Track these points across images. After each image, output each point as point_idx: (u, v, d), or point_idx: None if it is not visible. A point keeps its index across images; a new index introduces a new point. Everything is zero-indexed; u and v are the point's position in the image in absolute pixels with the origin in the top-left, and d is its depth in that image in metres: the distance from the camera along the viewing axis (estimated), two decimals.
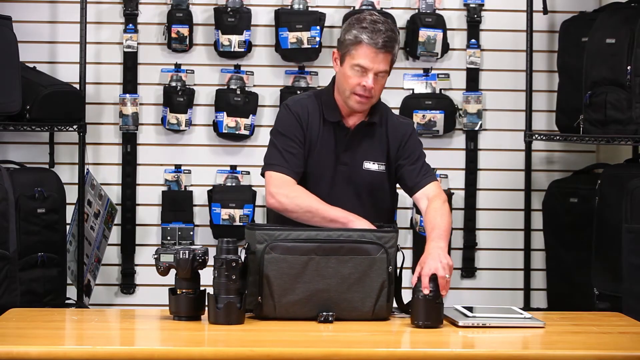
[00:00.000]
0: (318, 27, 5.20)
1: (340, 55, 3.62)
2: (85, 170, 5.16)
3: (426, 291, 3.18)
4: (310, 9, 5.29)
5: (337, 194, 3.62)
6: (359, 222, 3.45)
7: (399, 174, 3.70)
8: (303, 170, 3.63)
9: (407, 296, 3.31)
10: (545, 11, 5.19)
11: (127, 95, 5.30)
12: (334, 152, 3.64)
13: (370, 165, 3.67)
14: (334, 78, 3.70)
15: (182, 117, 5.26)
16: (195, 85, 5.32)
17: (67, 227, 5.01)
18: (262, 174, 3.66)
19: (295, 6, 5.27)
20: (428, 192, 3.64)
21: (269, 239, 3.26)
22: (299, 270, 3.24)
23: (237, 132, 5.26)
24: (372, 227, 3.42)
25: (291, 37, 5.20)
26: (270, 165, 3.62)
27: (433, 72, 5.37)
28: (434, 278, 3.19)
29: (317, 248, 3.26)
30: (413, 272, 5.18)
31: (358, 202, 3.63)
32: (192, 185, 5.34)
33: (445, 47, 5.34)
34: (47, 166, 5.18)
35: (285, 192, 3.57)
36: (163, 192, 5.32)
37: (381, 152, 3.68)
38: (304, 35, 5.20)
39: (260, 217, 5.26)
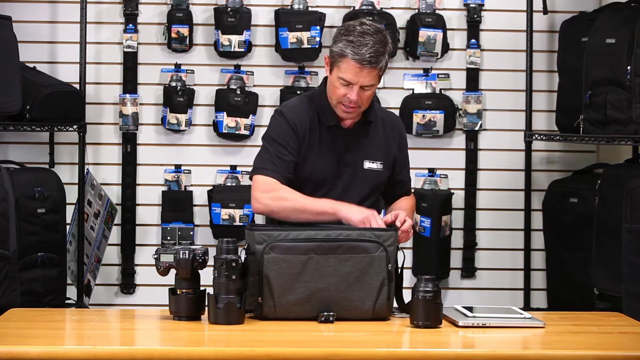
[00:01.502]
0: (318, 27, 5.20)
1: (330, 63, 3.59)
2: (85, 170, 5.16)
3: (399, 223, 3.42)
4: (310, 9, 5.28)
5: (339, 197, 3.61)
6: (347, 209, 3.45)
7: (392, 182, 3.75)
8: (292, 177, 3.60)
9: (407, 296, 3.31)
10: (545, 11, 5.19)
11: (127, 95, 5.30)
12: (335, 154, 3.63)
13: (371, 165, 3.67)
14: (325, 79, 3.68)
15: (182, 117, 5.26)
16: (195, 85, 5.32)
17: (67, 227, 5.01)
18: (250, 177, 3.64)
19: (295, 6, 5.27)
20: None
21: (268, 239, 3.26)
22: (298, 269, 3.24)
23: (237, 132, 5.26)
24: (364, 210, 3.45)
25: (291, 37, 5.20)
26: (258, 169, 3.60)
27: (433, 72, 5.37)
28: (432, 279, 3.19)
29: (317, 247, 3.26)
30: (413, 274, 5.24)
31: (359, 204, 3.62)
32: (192, 185, 5.34)
33: (445, 47, 5.34)
34: (47, 166, 5.18)
35: (270, 195, 3.54)
36: (163, 192, 5.32)
37: (380, 151, 3.69)
38: (304, 35, 5.20)
39: (260, 218, 5.25)
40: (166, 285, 3.38)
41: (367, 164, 3.67)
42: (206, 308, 3.26)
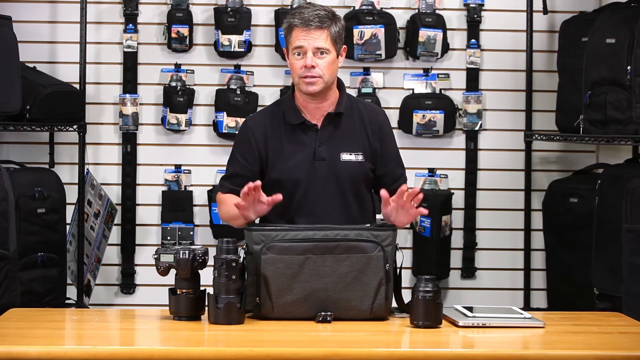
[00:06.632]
0: None
1: (286, 49, 3.69)
2: (85, 170, 5.16)
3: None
4: None
5: (318, 193, 3.62)
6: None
7: (378, 175, 3.69)
8: (244, 182, 3.59)
9: (407, 296, 3.31)
10: (545, 11, 5.19)
11: (127, 95, 5.30)
12: (307, 151, 3.63)
13: (349, 157, 3.66)
14: (294, 85, 3.73)
15: (182, 117, 5.27)
16: (195, 85, 5.32)
17: (67, 227, 5.01)
18: None
19: (295, 6, 5.27)
20: None
21: (265, 239, 3.26)
22: (296, 270, 3.25)
23: (237, 132, 5.25)
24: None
25: None
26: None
27: (433, 72, 5.36)
28: (432, 279, 3.18)
29: (314, 247, 3.26)
30: (413, 274, 5.24)
31: (342, 198, 3.64)
32: (192, 185, 5.34)
33: (445, 47, 5.34)
34: (47, 166, 5.18)
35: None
36: (163, 192, 5.32)
37: (357, 143, 3.67)
38: None
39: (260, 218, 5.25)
40: (166, 285, 3.38)
41: (345, 156, 3.65)
42: (206, 308, 3.26)
